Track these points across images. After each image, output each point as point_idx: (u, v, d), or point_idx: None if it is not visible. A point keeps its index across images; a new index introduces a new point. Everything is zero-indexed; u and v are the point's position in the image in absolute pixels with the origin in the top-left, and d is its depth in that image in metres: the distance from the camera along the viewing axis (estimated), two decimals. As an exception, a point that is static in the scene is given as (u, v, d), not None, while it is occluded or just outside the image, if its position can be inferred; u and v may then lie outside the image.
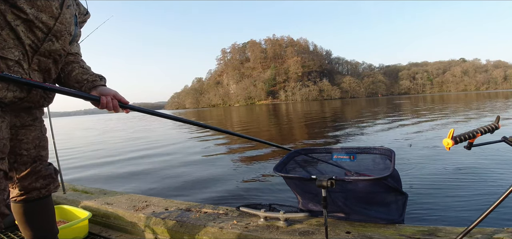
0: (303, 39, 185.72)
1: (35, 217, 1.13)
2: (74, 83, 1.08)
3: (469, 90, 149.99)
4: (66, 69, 1.10)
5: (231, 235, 1.30)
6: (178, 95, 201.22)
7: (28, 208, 1.11)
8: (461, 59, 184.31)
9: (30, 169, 1.06)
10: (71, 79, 1.08)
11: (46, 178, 1.11)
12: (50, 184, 1.13)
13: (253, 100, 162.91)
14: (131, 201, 1.81)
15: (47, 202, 1.16)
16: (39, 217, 1.14)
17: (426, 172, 3.09)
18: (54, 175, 1.15)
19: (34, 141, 1.07)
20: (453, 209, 2.11)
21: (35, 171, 1.08)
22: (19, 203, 1.10)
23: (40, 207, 1.14)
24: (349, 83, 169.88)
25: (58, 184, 1.20)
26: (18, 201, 1.10)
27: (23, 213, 1.11)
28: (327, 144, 5.95)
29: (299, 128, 10.02)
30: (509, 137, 0.87)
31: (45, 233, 1.16)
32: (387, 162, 1.52)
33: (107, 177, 4.04)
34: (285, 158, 1.57)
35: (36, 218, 1.13)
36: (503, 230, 1.10)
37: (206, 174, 3.76)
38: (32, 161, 1.07)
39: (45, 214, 1.16)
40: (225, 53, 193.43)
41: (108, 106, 1.06)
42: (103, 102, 1.04)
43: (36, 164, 1.08)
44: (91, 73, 1.10)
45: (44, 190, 1.11)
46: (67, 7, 1.00)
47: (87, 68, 1.12)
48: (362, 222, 1.30)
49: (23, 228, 1.13)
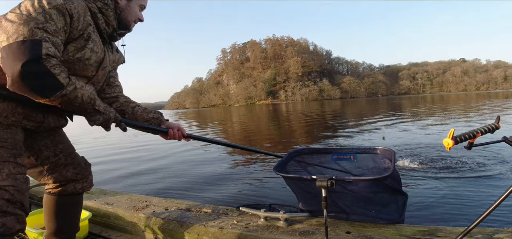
0: (303, 39, 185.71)
1: (65, 211, 1.22)
2: (143, 122, 1.30)
3: (469, 91, 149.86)
4: (128, 110, 1.29)
5: (231, 235, 1.30)
6: (178, 95, 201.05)
7: (61, 201, 1.20)
8: (461, 59, 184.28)
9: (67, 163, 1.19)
10: (138, 118, 1.30)
11: (80, 171, 1.22)
12: (84, 179, 1.23)
13: (253, 100, 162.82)
14: (131, 201, 1.81)
15: (79, 199, 1.26)
16: (68, 211, 1.23)
17: (426, 172, 3.09)
18: (86, 172, 1.25)
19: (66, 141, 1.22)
20: (453, 209, 2.11)
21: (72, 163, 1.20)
22: (53, 195, 1.19)
23: (72, 202, 1.23)
24: (349, 84, 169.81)
25: (92, 183, 1.30)
26: (52, 193, 1.19)
27: (55, 205, 1.19)
28: (327, 144, 5.94)
29: (299, 128, 10.02)
30: (509, 137, 0.87)
31: (69, 228, 1.24)
32: (387, 162, 1.52)
33: (107, 176, 4.04)
34: (285, 157, 1.57)
35: (66, 212, 1.22)
36: (503, 230, 1.10)
37: (206, 174, 3.76)
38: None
39: (75, 210, 1.26)
40: (225, 53, 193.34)
41: (174, 137, 1.32)
42: (171, 134, 1.32)
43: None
44: (152, 111, 1.34)
45: (79, 186, 1.21)
46: (102, 69, 1.09)
47: (144, 108, 1.33)
48: (362, 222, 1.29)
49: (50, 219, 1.21)
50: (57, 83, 0.86)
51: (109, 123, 1.08)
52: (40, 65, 0.82)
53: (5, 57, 0.82)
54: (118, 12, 1.11)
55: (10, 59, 0.81)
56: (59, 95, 0.87)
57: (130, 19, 1.16)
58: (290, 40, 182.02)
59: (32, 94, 0.85)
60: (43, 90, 0.85)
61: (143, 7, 1.21)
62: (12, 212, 0.90)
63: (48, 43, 0.85)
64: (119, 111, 1.27)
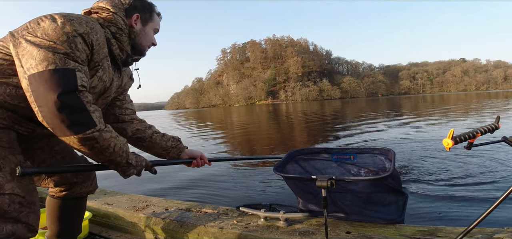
0: (303, 39, 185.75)
1: (69, 214, 1.21)
2: (161, 151, 1.27)
3: (469, 90, 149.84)
4: (146, 138, 1.24)
5: (231, 235, 1.30)
6: (178, 96, 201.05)
7: (65, 205, 1.18)
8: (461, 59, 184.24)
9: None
10: (157, 147, 1.26)
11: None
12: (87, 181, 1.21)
13: (253, 100, 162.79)
14: (131, 201, 1.81)
15: (84, 202, 1.25)
16: (72, 215, 1.22)
17: (426, 172, 3.09)
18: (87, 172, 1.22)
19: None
20: (453, 209, 2.11)
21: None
22: (57, 199, 1.17)
23: (76, 206, 1.22)
24: (349, 84, 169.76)
25: (96, 186, 1.28)
26: (56, 197, 1.17)
27: (59, 209, 1.18)
28: (327, 144, 5.95)
29: (300, 128, 10.02)
30: (509, 137, 0.87)
31: (72, 230, 1.23)
32: (387, 162, 1.52)
33: (107, 176, 4.04)
34: (285, 158, 1.57)
35: (70, 216, 1.21)
36: (503, 230, 1.10)
37: (206, 174, 3.75)
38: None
39: (79, 214, 1.25)
40: (225, 53, 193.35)
41: (198, 166, 1.32)
42: (195, 164, 1.31)
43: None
44: (171, 138, 1.29)
45: (84, 189, 1.20)
46: (103, 98, 1.05)
47: (162, 134, 1.29)
48: (362, 222, 1.30)
49: (53, 222, 1.19)
50: (90, 120, 0.81)
51: (142, 171, 1.05)
52: (76, 98, 0.78)
53: (36, 86, 0.76)
54: (132, 37, 1.06)
55: (43, 88, 0.75)
56: (89, 134, 0.81)
57: (145, 44, 1.11)
58: (290, 40, 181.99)
59: (62, 128, 0.78)
60: (76, 126, 0.79)
61: (157, 30, 1.17)
62: (24, 220, 0.84)
63: (81, 73, 0.81)
64: (136, 139, 1.23)
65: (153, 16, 1.13)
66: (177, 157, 1.29)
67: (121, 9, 1.02)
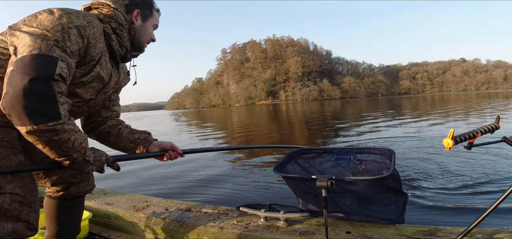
0: (303, 39, 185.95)
1: (68, 214, 1.19)
2: (129, 144, 1.20)
3: (469, 91, 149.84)
4: (114, 132, 1.19)
5: (231, 235, 1.30)
6: (178, 96, 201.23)
7: (63, 205, 1.17)
8: (461, 59, 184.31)
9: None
10: (124, 140, 1.20)
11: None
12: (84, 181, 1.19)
13: (253, 100, 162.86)
14: (131, 201, 1.81)
15: (82, 202, 1.24)
16: (71, 215, 1.21)
17: (426, 172, 3.09)
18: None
19: None
20: (453, 209, 2.11)
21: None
22: (54, 199, 1.16)
23: (74, 206, 1.21)
24: (349, 83, 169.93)
25: (94, 185, 1.26)
26: (53, 197, 1.16)
27: (57, 209, 1.16)
28: (327, 144, 5.95)
29: (300, 128, 10.02)
30: (509, 137, 0.87)
31: (71, 230, 1.23)
32: (387, 162, 1.52)
33: (107, 176, 4.04)
34: (285, 158, 1.57)
35: (68, 216, 1.20)
36: (503, 230, 1.10)
37: (206, 174, 3.76)
38: None
39: (77, 213, 1.24)
40: (225, 53, 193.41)
41: (171, 159, 1.23)
42: (168, 157, 1.23)
43: None
44: (139, 131, 1.24)
45: (82, 188, 1.18)
46: (103, 94, 1.05)
47: (131, 128, 1.24)
48: (362, 222, 1.29)
49: (51, 222, 1.18)
50: (55, 112, 0.75)
51: (103, 168, 1.00)
52: (48, 86, 0.74)
53: (14, 70, 0.73)
54: (132, 33, 1.07)
55: (17, 73, 0.72)
56: (51, 126, 0.75)
57: (144, 40, 1.12)
58: (290, 40, 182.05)
59: (21, 116, 0.71)
60: (38, 116, 0.73)
61: (156, 26, 1.17)
62: (24, 219, 0.85)
63: (63, 64, 0.78)
64: (104, 134, 1.19)
65: (153, 12, 1.14)
66: (146, 150, 1.21)
67: (122, 5, 1.03)
